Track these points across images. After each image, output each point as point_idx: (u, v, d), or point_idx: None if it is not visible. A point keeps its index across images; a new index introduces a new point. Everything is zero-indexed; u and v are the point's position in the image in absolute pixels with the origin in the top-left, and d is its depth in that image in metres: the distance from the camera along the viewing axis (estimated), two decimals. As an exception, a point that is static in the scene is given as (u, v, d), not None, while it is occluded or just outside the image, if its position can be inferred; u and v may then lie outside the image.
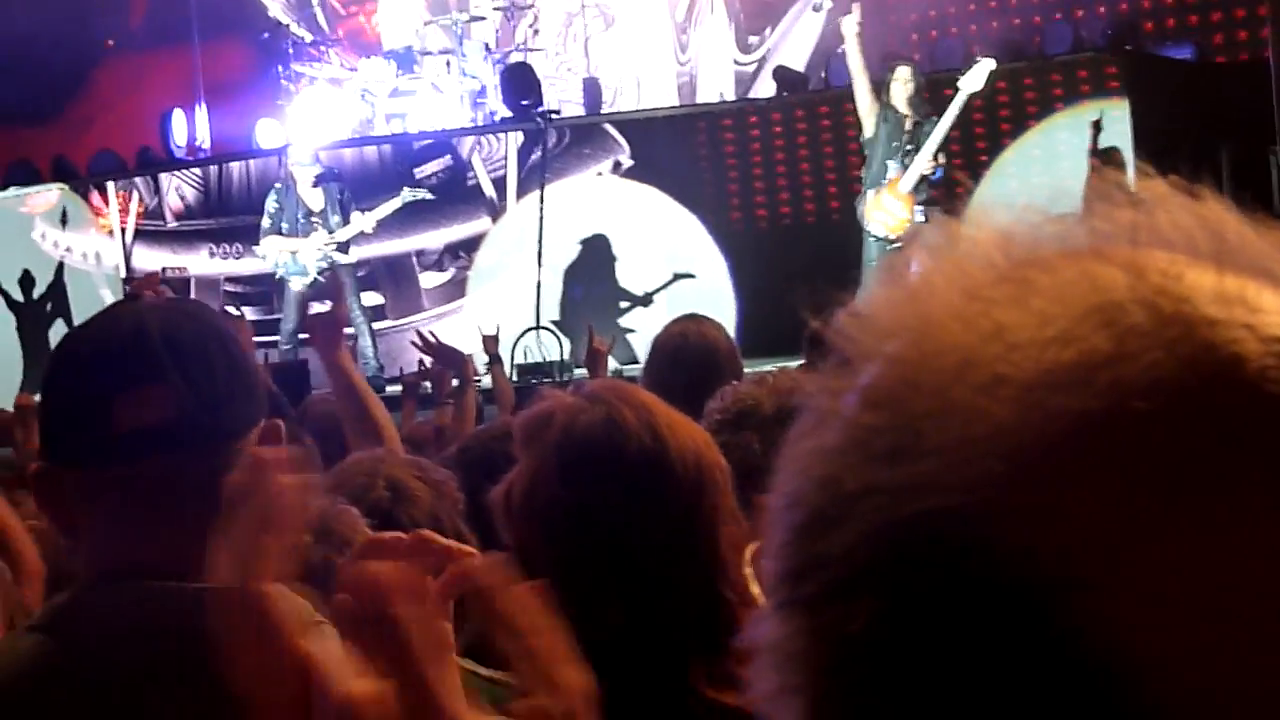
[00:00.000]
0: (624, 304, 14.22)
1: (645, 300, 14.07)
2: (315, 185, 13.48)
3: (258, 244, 14.10)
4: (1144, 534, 0.63)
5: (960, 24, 15.74)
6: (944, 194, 11.59)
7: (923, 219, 11.22)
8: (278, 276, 13.81)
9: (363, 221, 13.58)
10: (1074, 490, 0.64)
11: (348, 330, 13.64)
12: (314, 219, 13.45)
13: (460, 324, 14.37)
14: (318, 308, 12.62)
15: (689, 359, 4.32)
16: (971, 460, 0.65)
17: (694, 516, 2.19)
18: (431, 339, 6.85)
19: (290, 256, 13.52)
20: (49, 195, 16.46)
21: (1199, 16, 14.90)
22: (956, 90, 11.76)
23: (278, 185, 13.84)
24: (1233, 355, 0.65)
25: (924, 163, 11.50)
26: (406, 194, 13.83)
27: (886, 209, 11.44)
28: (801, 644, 0.70)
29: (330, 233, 13.43)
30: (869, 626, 0.67)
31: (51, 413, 1.88)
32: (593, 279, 14.30)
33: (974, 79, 11.85)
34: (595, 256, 14.38)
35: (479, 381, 6.50)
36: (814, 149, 14.15)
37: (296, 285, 13.62)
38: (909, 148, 11.60)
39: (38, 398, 1.96)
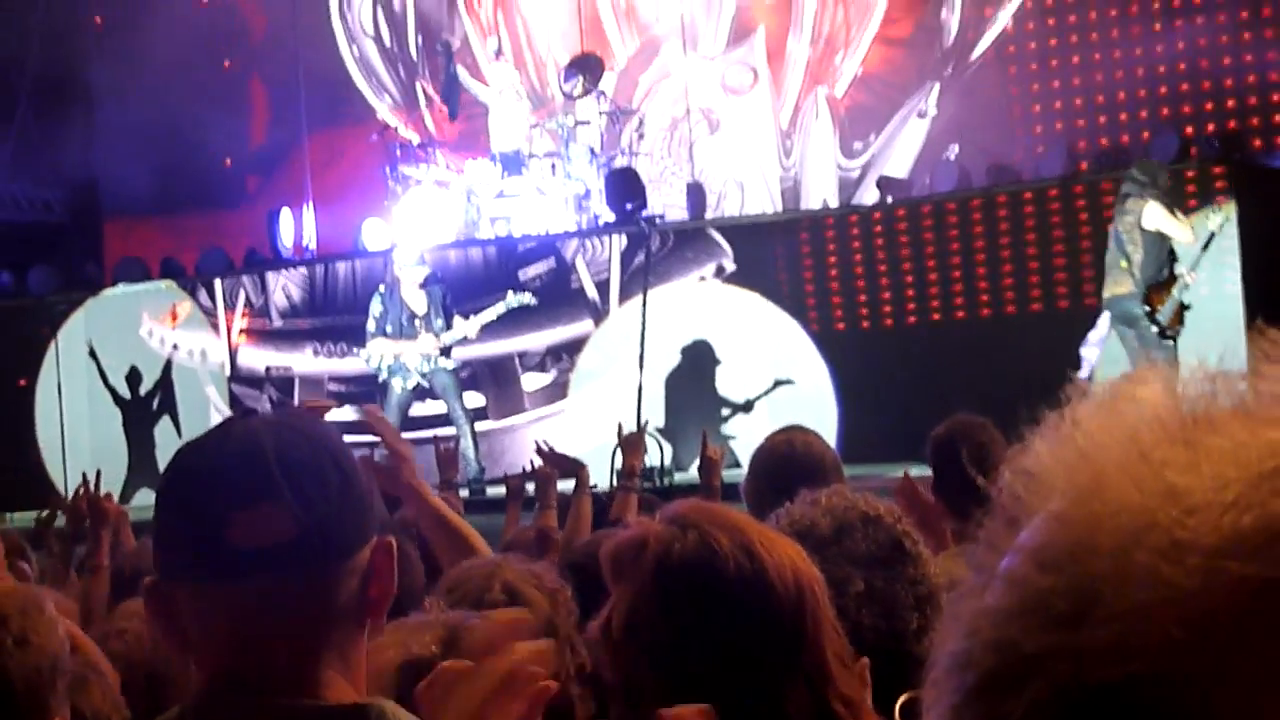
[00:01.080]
0: (725, 410, 14.18)
1: (746, 407, 14.03)
2: (421, 288, 13.59)
3: (363, 346, 14.22)
4: None
5: (1056, 127, 15.72)
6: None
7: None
8: (381, 379, 13.90)
9: (466, 326, 13.68)
10: (1260, 661, 0.63)
11: (449, 431, 13.75)
12: (417, 321, 13.56)
13: (561, 426, 14.39)
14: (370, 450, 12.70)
15: (791, 470, 4.27)
16: (1157, 626, 0.65)
17: (799, 632, 2.16)
18: (547, 448, 6.83)
19: (394, 359, 13.62)
20: (184, 305, 16.67)
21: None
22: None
23: (382, 287, 13.97)
24: None
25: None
26: (511, 299, 13.93)
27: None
28: None
29: (435, 336, 13.52)
30: None
31: (165, 528, 1.88)
32: (695, 385, 14.28)
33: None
34: (697, 362, 14.36)
35: (595, 488, 6.45)
36: (916, 254, 14.09)
37: (398, 388, 13.71)
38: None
39: (133, 504, 1.96)
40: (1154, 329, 11.47)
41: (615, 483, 8.97)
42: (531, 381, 15.12)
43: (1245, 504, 0.64)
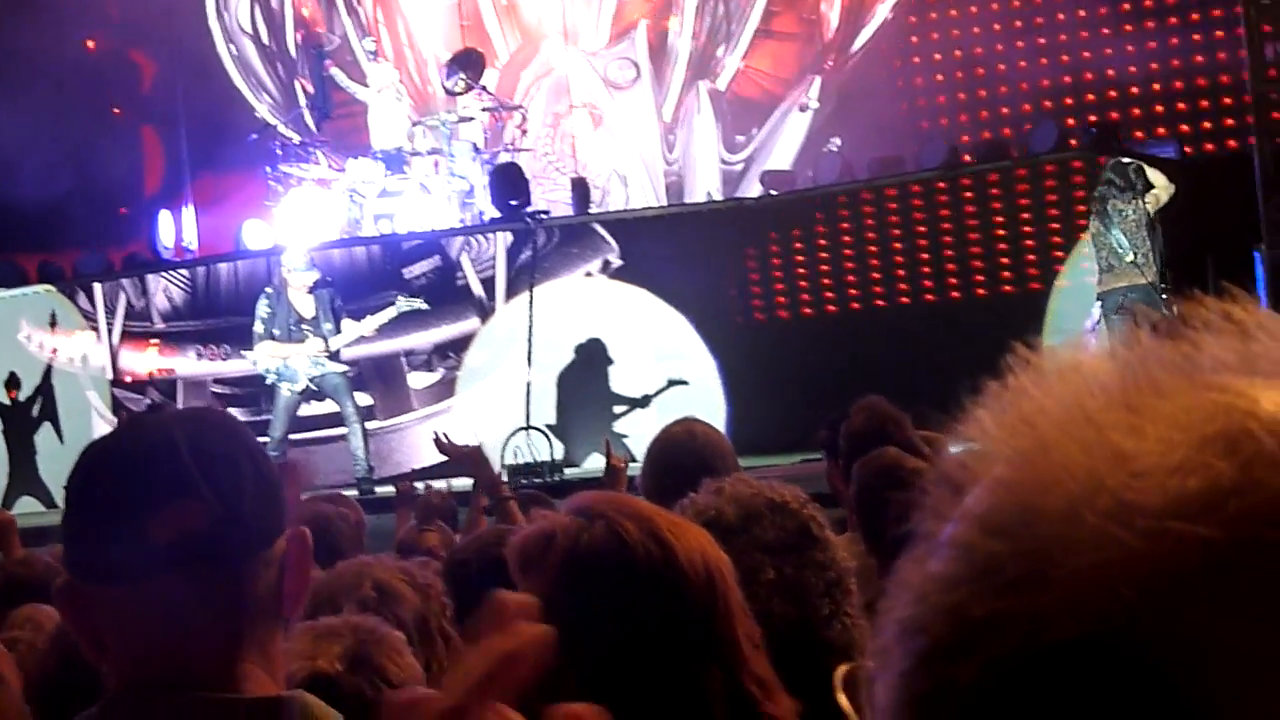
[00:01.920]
0: (620, 407, 14.17)
1: (643, 402, 14.02)
2: (310, 292, 13.47)
3: (249, 348, 14.08)
4: None
5: (941, 122, 15.86)
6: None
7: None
8: (269, 382, 13.77)
9: (357, 329, 13.57)
10: (1208, 619, 0.64)
11: (339, 430, 13.68)
12: (305, 325, 13.42)
13: (449, 424, 14.32)
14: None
15: (692, 460, 4.26)
16: (1105, 589, 0.65)
17: (710, 617, 2.16)
18: (445, 440, 6.78)
19: (282, 363, 13.48)
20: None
21: (1186, 107, 15.09)
22: None
23: (269, 289, 13.80)
24: None
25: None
26: (402, 303, 13.84)
27: None
28: None
29: (324, 339, 13.40)
30: None
31: (77, 527, 1.85)
32: (588, 382, 14.27)
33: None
34: (590, 359, 14.36)
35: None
36: (808, 246, 14.17)
37: (286, 391, 13.59)
38: None
39: (14, 511, 1.92)
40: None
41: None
42: (419, 380, 15.04)
43: (1190, 467, 0.65)
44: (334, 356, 13.54)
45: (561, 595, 2.14)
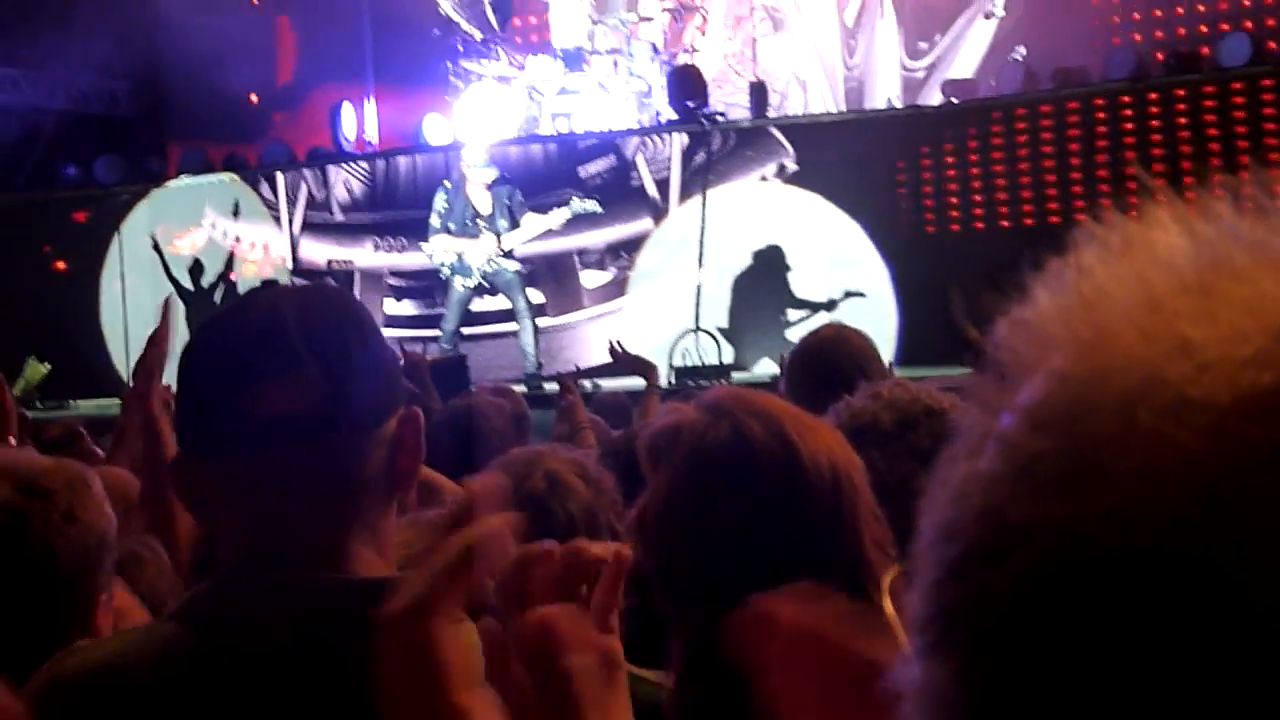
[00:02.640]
0: (792, 313, 14.09)
1: (819, 308, 13.92)
2: (488, 189, 13.52)
3: (425, 241, 14.21)
4: None
5: (1133, 37, 15.47)
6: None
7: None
8: (443, 276, 13.89)
9: (530, 229, 13.60)
10: (1276, 530, 0.58)
11: (509, 326, 13.80)
12: (480, 221, 13.49)
13: (620, 324, 14.39)
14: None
15: (840, 364, 4.20)
16: (1160, 494, 0.59)
17: (835, 520, 2.14)
18: (620, 349, 6.85)
19: (456, 257, 13.58)
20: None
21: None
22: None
23: (447, 183, 13.88)
24: None
25: None
26: (575, 204, 13.87)
27: None
28: (956, 690, 0.64)
29: (497, 236, 13.48)
30: (1037, 671, 0.61)
31: (187, 403, 1.87)
32: (764, 287, 14.19)
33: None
34: (765, 264, 14.28)
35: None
36: (983, 157, 13.95)
37: (459, 286, 13.70)
38: None
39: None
40: None
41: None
42: (591, 279, 15.10)
43: (1264, 360, 0.59)
44: (508, 254, 13.62)
45: (685, 492, 2.15)
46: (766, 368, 12.83)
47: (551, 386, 13.11)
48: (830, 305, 13.88)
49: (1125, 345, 0.62)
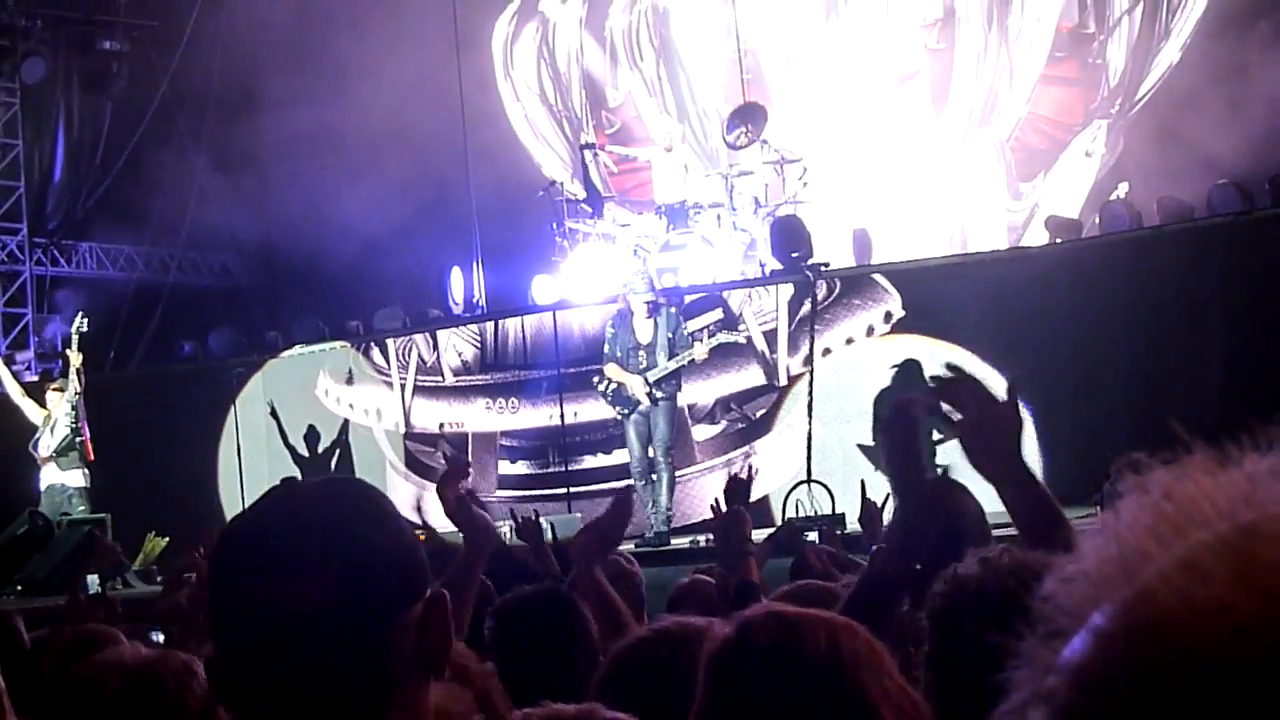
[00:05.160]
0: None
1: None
2: (648, 317, 13.50)
3: (537, 402, 14.23)
4: None
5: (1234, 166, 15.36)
6: None
7: None
8: (614, 410, 13.84)
9: (675, 361, 13.52)
10: None
11: (613, 485, 13.72)
12: (641, 352, 13.45)
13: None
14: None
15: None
16: None
17: None
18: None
19: (615, 388, 13.51)
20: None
21: None
22: None
23: (617, 312, 13.84)
24: None
25: None
26: (722, 336, 13.77)
27: None
28: None
29: (653, 368, 13.42)
30: None
31: (215, 605, 1.90)
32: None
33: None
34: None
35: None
36: (1095, 294, 13.80)
37: (618, 416, 13.63)
38: None
39: None
40: None
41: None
42: (701, 432, 15.11)
43: None
44: (659, 386, 13.48)
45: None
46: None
47: (679, 541, 13.08)
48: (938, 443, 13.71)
49: (1163, 606, 0.63)
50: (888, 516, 5.49)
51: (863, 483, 7.47)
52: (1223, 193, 14.44)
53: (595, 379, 13.83)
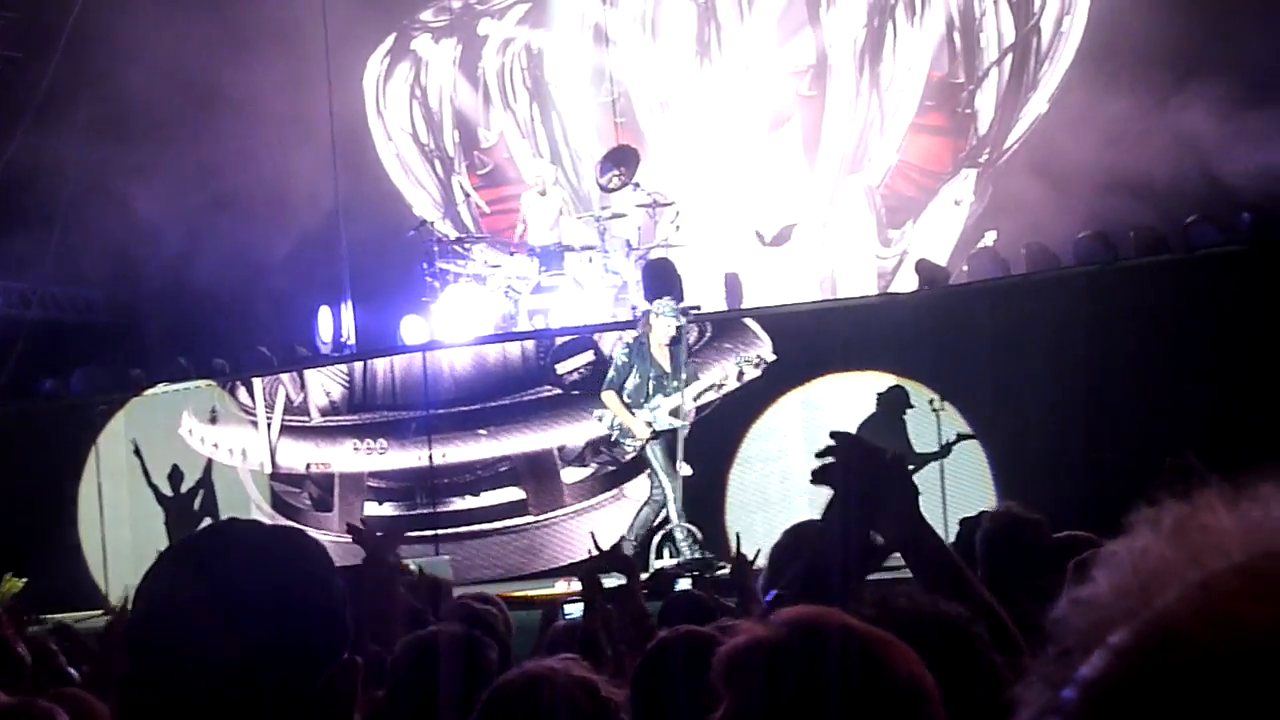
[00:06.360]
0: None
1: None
2: (669, 345, 13.45)
3: (405, 443, 14.13)
4: None
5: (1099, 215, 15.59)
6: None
7: None
8: (613, 439, 13.76)
9: (701, 384, 13.47)
10: None
11: (490, 526, 13.60)
12: (666, 380, 13.41)
13: (603, 520, 14.33)
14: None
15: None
16: None
17: None
18: (596, 546, 6.77)
19: (619, 427, 13.47)
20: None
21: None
22: None
23: (630, 340, 13.77)
24: None
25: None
26: (741, 364, 13.73)
27: None
28: None
29: (666, 397, 13.39)
30: None
31: (130, 634, 1.88)
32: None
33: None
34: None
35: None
36: (960, 340, 13.97)
37: (630, 446, 13.57)
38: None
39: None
40: None
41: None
42: (571, 475, 15.06)
43: None
44: (675, 414, 13.45)
45: (763, 711, 2.10)
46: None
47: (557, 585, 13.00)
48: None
49: (1181, 624, 0.64)
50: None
51: (738, 535, 7.47)
52: (1087, 243, 14.66)
53: (596, 412, 13.80)
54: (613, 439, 13.72)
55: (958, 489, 13.22)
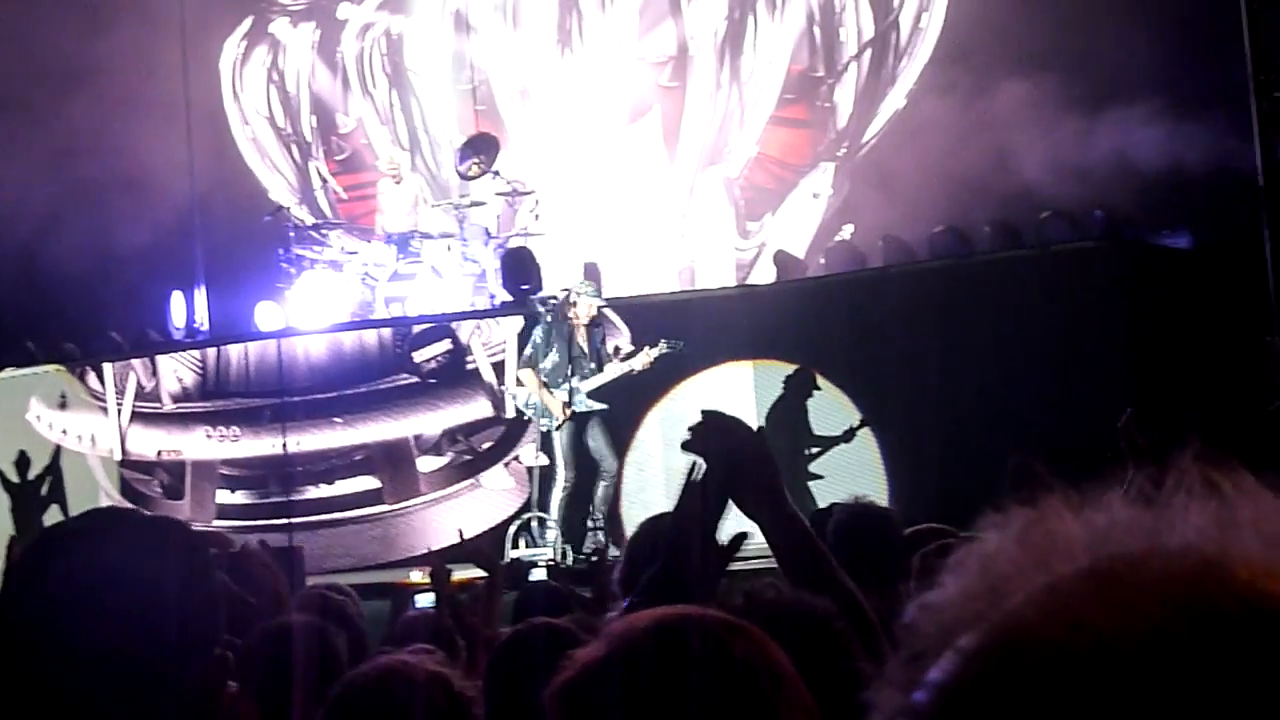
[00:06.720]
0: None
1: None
2: (588, 327, 13.31)
3: (259, 430, 13.97)
4: None
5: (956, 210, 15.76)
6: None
7: None
8: (526, 418, 13.56)
9: (613, 370, 13.34)
10: None
11: (344, 515, 13.50)
12: (583, 360, 13.26)
13: (458, 510, 14.28)
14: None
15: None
16: None
17: None
18: (463, 539, 6.73)
19: (538, 401, 13.30)
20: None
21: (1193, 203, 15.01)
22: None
23: (549, 319, 13.59)
24: None
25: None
26: (663, 345, 13.51)
27: None
28: None
29: (583, 378, 13.23)
30: None
31: (4, 629, 1.84)
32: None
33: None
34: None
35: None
36: (819, 333, 14.07)
37: (544, 427, 13.41)
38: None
39: None
40: None
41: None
42: (427, 464, 14.97)
43: (1160, 639, 0.62)
44: (591, 395, 13.29)
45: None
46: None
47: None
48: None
49: (1029, 625, 0.65)
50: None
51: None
52: (943, 237, 14.84)
53: (510, 390, 13.64)
54: (526, 418, 13.56)
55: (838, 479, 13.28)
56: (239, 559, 6.77)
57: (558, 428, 13.29)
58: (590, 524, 13.27)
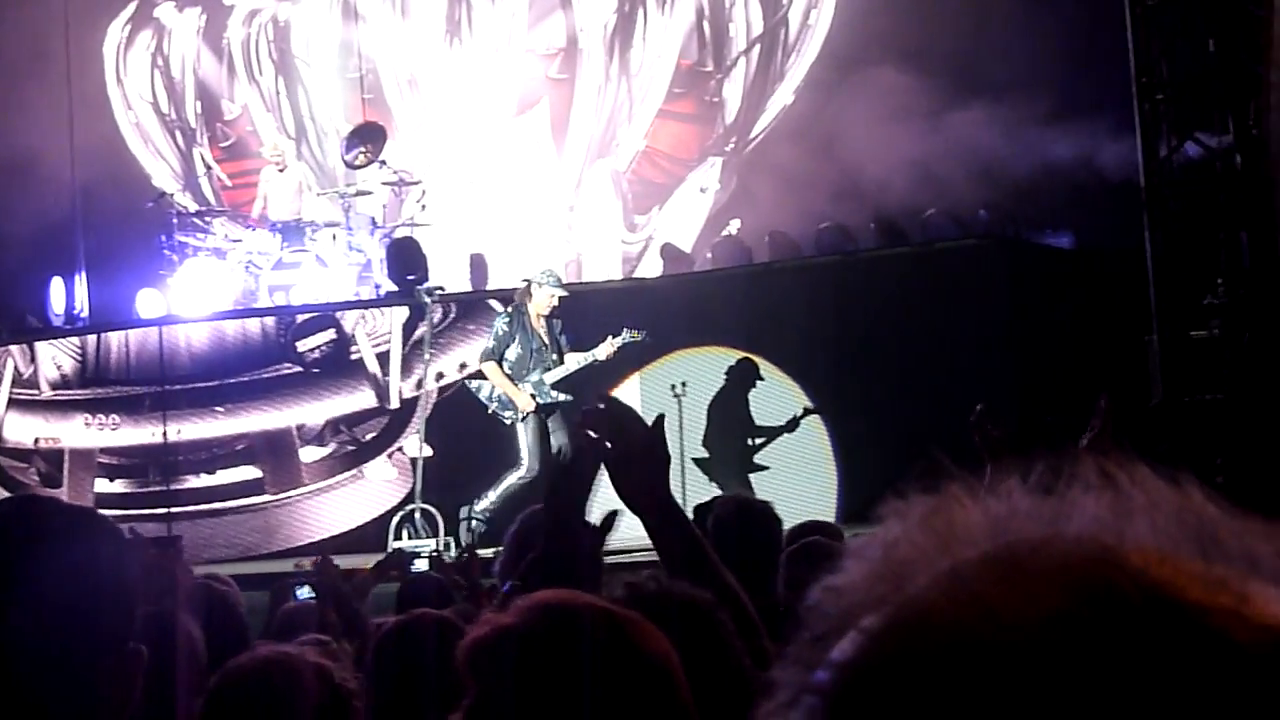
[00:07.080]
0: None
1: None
2: (546, 318, 13.09)
3: (139, 419, 13.80)
4: None
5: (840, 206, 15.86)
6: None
7: None
8: (490, 411, 13.32)
9: (574, 362, 13.15)
10: None
11: (222, 505, 13.40)
12: (546, 351, 13.03)
13: (341, 500, 14.20)
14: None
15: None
16: None
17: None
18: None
19: (500, 396, 13.06)
20: None
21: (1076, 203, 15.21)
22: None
23: (509, 309, 13.33)
24: (1224, 643, 0.64)
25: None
26: (626, 335, 13.31)
27: None
28: None
29: (546, 370, 13.01)
30: None
31: None
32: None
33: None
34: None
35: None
36: (708, 327, 14.12)
37: (509, 420, 13.18)
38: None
39: None
40: None
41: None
42: (310, 454, 14.86)
43: (1059, 621, 0.65)
44: (555, 387, 13.06)
45: (513, 704, 2.07)
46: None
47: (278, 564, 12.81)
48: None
49: (932, 607, 0.67)
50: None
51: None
52: (828, 233, 14.94)
53: (473, 383, 13.42)
54: (490, 410, 13.39)
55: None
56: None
57: (523, 419, 13.15)
58: (479, 516, 13.19)
